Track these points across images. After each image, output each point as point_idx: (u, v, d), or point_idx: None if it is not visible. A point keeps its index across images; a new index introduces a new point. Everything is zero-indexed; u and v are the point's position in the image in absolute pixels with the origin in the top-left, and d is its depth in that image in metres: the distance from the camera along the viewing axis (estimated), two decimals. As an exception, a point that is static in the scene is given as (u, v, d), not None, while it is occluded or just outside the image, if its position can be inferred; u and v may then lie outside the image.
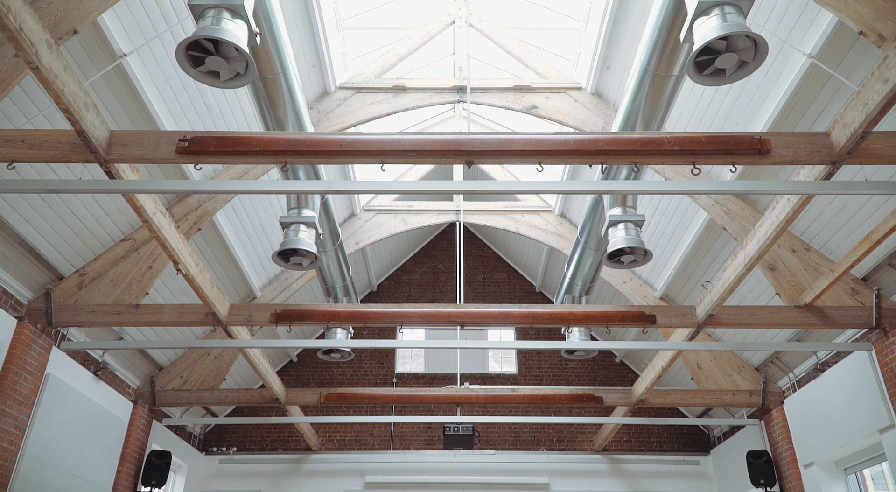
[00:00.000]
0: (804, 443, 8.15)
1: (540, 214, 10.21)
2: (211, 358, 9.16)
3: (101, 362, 7.92)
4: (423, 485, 10.82)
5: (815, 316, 6.48)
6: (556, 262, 11.68)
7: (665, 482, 10.89)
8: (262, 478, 10.93)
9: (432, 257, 13.24)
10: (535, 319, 6.60)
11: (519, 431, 11.44)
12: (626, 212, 6.69)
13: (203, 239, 8.05)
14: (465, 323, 6.57)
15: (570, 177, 8.97)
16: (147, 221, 4.91)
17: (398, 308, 6.66)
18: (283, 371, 12.04)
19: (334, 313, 6.61)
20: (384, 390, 9.11)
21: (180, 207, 7.11)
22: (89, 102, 4.07)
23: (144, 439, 8.86)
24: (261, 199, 8.27)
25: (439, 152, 4.25)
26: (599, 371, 12.02)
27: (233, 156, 4.24)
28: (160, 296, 7.90)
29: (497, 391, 8.98)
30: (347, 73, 8.37)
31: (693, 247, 8.25)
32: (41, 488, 6.81)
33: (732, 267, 5.82)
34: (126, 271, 6.81)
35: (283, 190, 4.23)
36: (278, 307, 6.66)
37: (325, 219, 7.42)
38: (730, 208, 7.13)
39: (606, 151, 4.22)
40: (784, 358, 8.55)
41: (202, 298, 6.14)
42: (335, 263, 8.40)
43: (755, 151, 4.20)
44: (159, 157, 4.26)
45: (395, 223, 10.17)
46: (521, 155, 4.27)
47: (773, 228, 5.01)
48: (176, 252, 5.41)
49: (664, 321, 6.62)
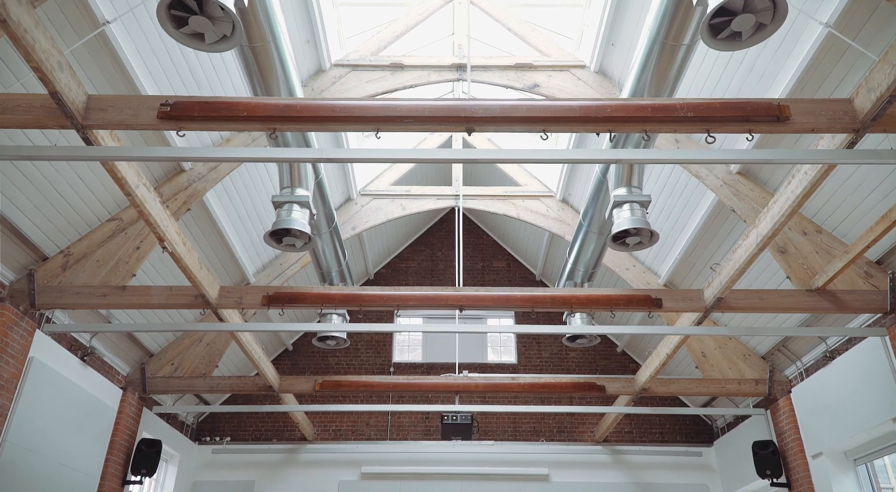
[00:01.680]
0: (812, 433, 7.93)
1: (541, 199, 9.95)
2: (203, 345, 8.92)
3: (89, 348, 7.67)
4: (421, 476, 10.61)
5: (828, 300, 6.24)
6: (557, 249, 11.44)
7: (667, 474, 10.68)
8: (257, 468, 10.72)
9: (430, 245, 12.99)
10: (536, 303, 6.36)
11: (518, 421, 11.22)
12: (632, 192, 6.44)
13: (194, 222, 7.79)
14: (464, 306, 6.33)
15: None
16: (129, 194, 4.65)
17: (394, 291, 6.42)
18: (278, 360, 11.81)
19: (328, 296, 6.36)
20: (381, 378, 8.87)
21: (169, 187, 6.86)
22: (63, 62, 3.81)
23: (134, 427, 8.63)
24: (253, 179, 8.01)
25: (438, 119, 4.00)
26: (601, 361, 11.80)
27: (218, 122, 3.98)
28: (149, 279, 7.65)
29: (496, 380, 8.75)
30: (343, 51, 8.09)
31: (699, 232, 8.01)
32: (26, 476, 6.58)
33: (744, 247, 5.57)
34: (112, 252, 6.56)
35: (271, 157, 3.98)
36: (270, 290, 6.41)
37: (319, 200, 7.17)
38: (739, 189, 6.88)
39: (615, 117, 3.97)
40: (792, 346, 8.32)
41: (190, 278, 5.89)
42: (330, 247, 8.15)
43: (773, 119, 3.95)
44: (140, 122, 4.00)
45: (393, 208, 9.92)
46: (525, 122, 4.01)
47: (788, 204, 4.76)
48: (161, 229, 5.15)
49: (670, 305, 6.38)
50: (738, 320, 8.53)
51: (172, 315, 8.59)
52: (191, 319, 8.95)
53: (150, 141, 6.42)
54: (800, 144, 6.04)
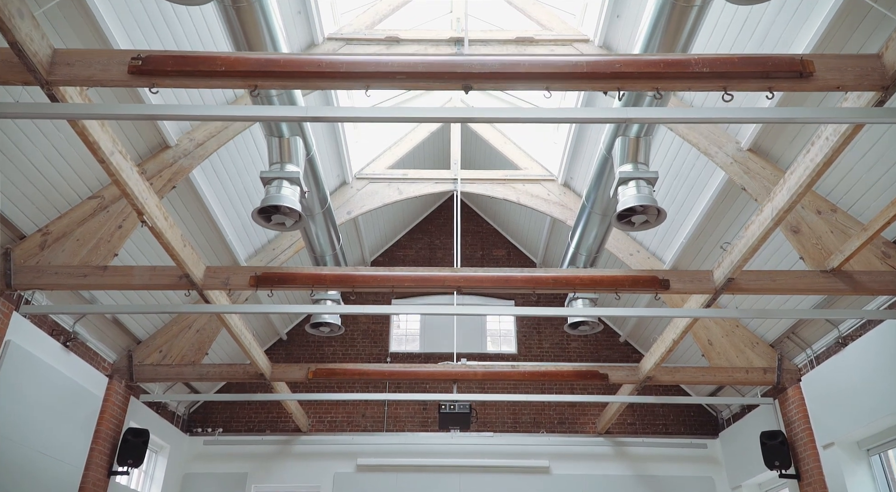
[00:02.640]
0: (823, 423, 7.64)
1: (542, 183, 9.64)
2: (192, 332, 8.62)
3: (72, 333, 7.37)
4: (418, 468, 10.32)
5: (844, 281, 5.94)
6: (559, 237, 11.13)
7: (671, 466, 10.40)
8: (249, 460, 10.43)
9: (428, 233, 12.69)
10: (537, 284, 6.06)
11: (518, 412, 10.94)
12: (638, 168, 6.14)
13: (182, 203, 7.48)
14: (462, 287, 6.03)
15: (587, 100, 8.25)
16: (103, 160, 4.35)
17: (389, 271, 6.12)
18: (272, 350, 11.51)
19: (320, 277, 6.06)
20: (376, 366, 8.58)
21: (153, 164, 6.56)
22: (25, 11, 3.50)
23: (121, 416, 8.34)
24: (243, 158, 7.70)
25: (433, 75, 3.69)
26: (603, 351, 11.51)
27: (194, 78, 3.68)
28: (133, 260, 7.34)
29: (496, 368, 8.46)
30: (336, 25, 7.78)
31: (706, 214, 7.70)
32: (3, 466, 6.29)
33: (757, 223, 5.27)
34: (93, 231, 6.26)
35: (251, 116, 3.67)
36: (258, 270, 6.11)
37: (311, 178, 6.86)
38: (749, 167, 6.58)
39: (625, 74, 3.67)
40: (802, 333, 8.03)
41: (173, 257, 5.58)
42: (324, 229, 7.84)
43: (796, 75, 3.64)
44: (110, 78, 3.69)
45: (390, 192, 9.61)
46: (527, 79, 3.71)
47: (807, 174, 4.45)
48: (139, 201, 4.84)
49: (679, 287, 6.08)
50: (749, 304, 8.21)
51: (158, 298, 8.28)
52: (179, 304, 8.64)
53: (123, 98, 6.06)
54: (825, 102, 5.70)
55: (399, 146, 9.99)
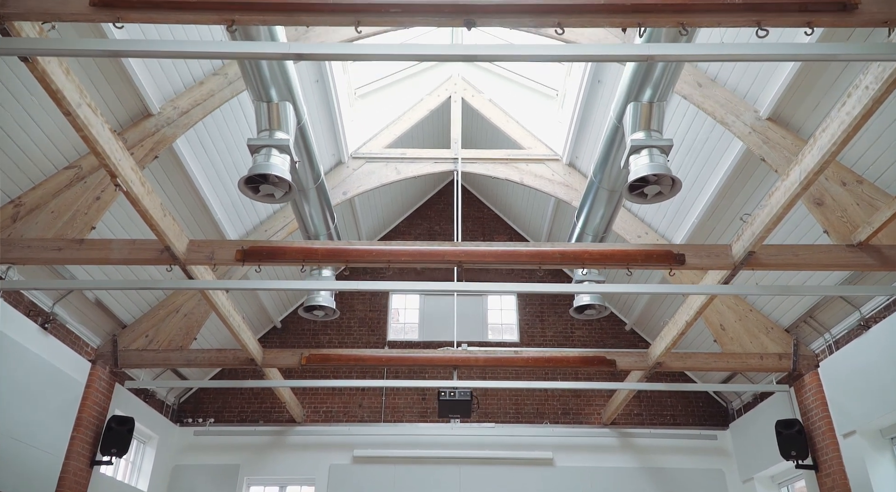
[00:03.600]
0: (843, 410, 7.26)
1: (546, 162, 9.25)
2: (180, 316, 8.24)
3: (51, 314, 6.98)
4: (417, 460, 9.93)
5: (872, 256, 5.55)
6: (562, 221, 10.73)
7: (679, 458, 10.01)
8: (242, 451, 10.04)
9: (427, 218, 12.28)
10: (543, 258, 5.66)
11: (521, 402, 10.55)
12: (652, 136, 5.75)
13: (167, 178, 7.08)
14: (463, 262, 5.64)
15: (594, 74, 7.83)
16: (69, 113, 3.94)
17: (386, 245, 5.72)
18: (266, 338, 11.12)
19: (311, 251, 5.66)
20: (373, 352, 8.19)
21: (134, 132, 6.17)
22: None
23: (105, 403, 7.95)
24: (231, 129, 7.28)
25: (431, 8, 3.29)
26: (608, 339, 11.11)
27: (163, 11, 3.28)
28: (112, 235, 6.92)
29: (498, 353, 8.07)
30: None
31: (720, 191, 7.31)
32: (-26, 453, 5.91)
33: (783, 189, 4.87)
34: (69, 202, 5.86)
35: (227, 53, 3.27)
36: (245, 244, 5.72)
37: (303, 148, 6.47)
38: (769, 137, 6.19)
39: (647, 6, 3.27)
40: (820, 316, 7.64)
41: (152, 226, 5.19)
42: (317, 207, 7.45)
43: (838, 7, 3.25)
44: (69, 12, 3.30)
45: (387, 172, 9.21)
46: (537, 13, 3.31)
47: (842, 130, 4.05)
48: (112, 161, 4.44)
49: (695, 262, 5.68)
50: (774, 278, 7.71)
51: (139, 275, 7.86)
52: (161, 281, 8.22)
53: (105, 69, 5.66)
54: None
55: (397, 125, 9.59)
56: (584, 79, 8.04)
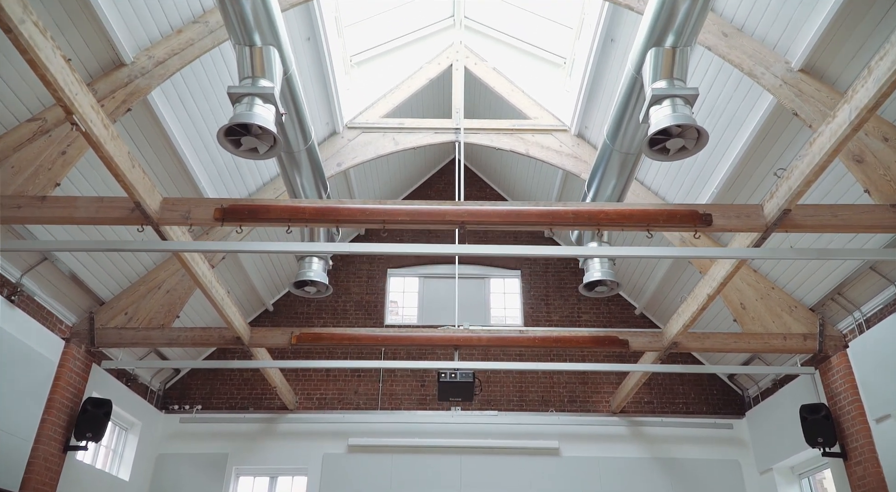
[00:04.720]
0: (876, 393, 6.71)
1: (553, 133, 8.70)
2: (162, 292, 7.69)
3: (17, 285, 6.44)
4: (415, 449, 9.39)
5: (919, 216, 5.01)
6: (569, 199, 10.18)
7: (693, 449, 9.47)
8: (230, 439, 9.50)
9: (427, 198, 11.72)
10: (555, 219, 5.11)
11: (525, 389, 10.00)
12: (675, 85, 5.19)
13: (142, 134, 6.51)
14: (466, 222, 5.09)
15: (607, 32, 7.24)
16: (9, 29, 3.39)
17: (380, 204, 5.17)
18: (257, 321, 10.58)
19: (297, 209, 5.12)
20: (369, 331, 7.65)
21: (105, 83, 5.64)
22: None
23: (80, 384, 7.41)
24: (213, 81, 6.69)
25: None
26: (617, 324, 10.56)
27: None
28: (78, 192, 6.33)
29: (502, 332, 7.52)
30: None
31: (746, 153, 6.75)
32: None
33: (827, 135, 4.32)
34: (32, 157, 5.31)
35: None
36: (225, 202, 5.17)
37: (290, 102, 5.90)
38: (802, 89, 5.64)
39: None
40: (849, 293, 7.09)
41: (118, 177, 4.64)
42: (309, 175, 6.88)
43: None
44: None
45: (385, 143, 8.66)
46: None
47: None
48: (67, 94, 3.88)
49: (722, 223, 5.14)
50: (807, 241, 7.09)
51: (109, 237, 7.30)
52: (149, 265, 7.67)
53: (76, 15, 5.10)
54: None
55: (395, 94, 9.03)
56: (596, 39, 7.49)
